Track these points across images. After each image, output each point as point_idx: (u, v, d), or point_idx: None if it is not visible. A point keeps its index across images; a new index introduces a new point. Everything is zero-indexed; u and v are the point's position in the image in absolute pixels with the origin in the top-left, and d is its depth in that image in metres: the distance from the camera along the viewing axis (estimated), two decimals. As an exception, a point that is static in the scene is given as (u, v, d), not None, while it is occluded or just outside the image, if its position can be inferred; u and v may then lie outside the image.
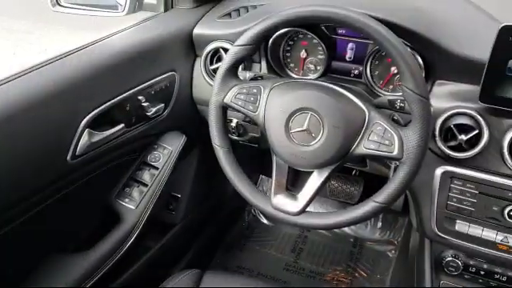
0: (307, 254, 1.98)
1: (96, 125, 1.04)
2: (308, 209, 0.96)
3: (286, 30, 1.14)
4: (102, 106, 1.04)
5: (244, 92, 0.95)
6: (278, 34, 1.15)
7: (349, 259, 1.95)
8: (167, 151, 1.33)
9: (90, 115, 1.02)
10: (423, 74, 1.03)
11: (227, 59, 0.95)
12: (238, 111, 0.97)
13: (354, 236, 2.07)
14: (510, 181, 0.98)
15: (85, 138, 1.01)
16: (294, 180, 0.99)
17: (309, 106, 0.88)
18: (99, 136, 1.06)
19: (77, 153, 1.01)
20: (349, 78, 1.17)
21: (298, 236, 2.08)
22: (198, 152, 1.58)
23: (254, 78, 1.03)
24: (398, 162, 0.86)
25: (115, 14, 1.29)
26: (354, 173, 1.98)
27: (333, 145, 0.87)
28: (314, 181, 0.94)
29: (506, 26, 0.84)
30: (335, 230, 2.08)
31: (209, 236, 1.89)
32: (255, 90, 0.94)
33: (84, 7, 1.30)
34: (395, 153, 0.84)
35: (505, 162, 0.96)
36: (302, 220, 0.94)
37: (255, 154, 1.49)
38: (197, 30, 1.26)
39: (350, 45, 1.15)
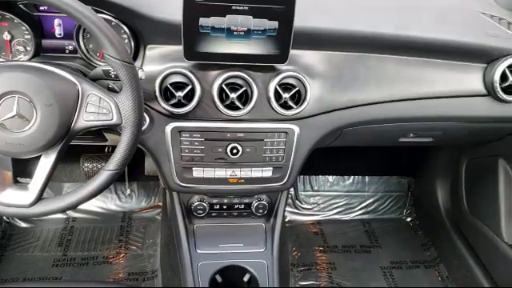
0: (76, 244, 1.92)
1: None
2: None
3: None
4: None
5: None
6: (-34, 17, 1.02)
7: (120, 234, 1.97)
8: None
9: None
10: (132, 42, 1.08)
11: None
12: None
13: (121, 211, 2.09)
14: (226, 124, 1.13)
15: None
16: (24, 170, 0.94)
17: (14, 89, 0.83)
18: None
19: None
20: (65, 55, 1.14)
21: (63, 229, 1.98)
22: None
23: None
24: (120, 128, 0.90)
25: None
26: (107, 150, 1.97)
27: (51, 124, 0.85)
28: (43, 166, 0.90)
29: None
30: (101, 210, 2.06)
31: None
32: None
33: None
34: (114, 119, 0.87)
35: (218, 109, 1.10)
36: (39, 209, 0.90)
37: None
38: None
39: (57, 21, 1.11)
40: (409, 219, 2.24)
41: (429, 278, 1.92)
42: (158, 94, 1.07)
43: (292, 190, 2.18)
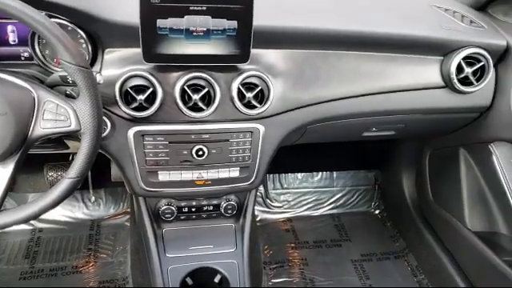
0: (44, 255, 1.86)
1: None
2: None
3: None
4: None
5: None
6: None
7: (89, 243, 1.93)
8: None
9: None
10: (89, 46, 1.05)
11: None
12: None
13: (89, 219, 2.04)
14: (190, 126, 1.13)
15: None
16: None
17: None
18: None
19: None
20: (20, 62, 1.10)
21: (29, 240, 1.92)
22: None
23: None
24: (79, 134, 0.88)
25: None
26: (71, 158, 1.92)
27: (6, 133, 0.82)
28: (1, 176, 0.87)
29: None
30: (69, 219, 2.02)
31: None
32: None
33: None
34: (73, 126, 0.85)
35: (181, 111, 1.09)
36: None
37: None
38: None
39: (10, 27, 1.07)
40: (377, 212, 2.28)
41: (399, 268, 1.96)
42: (118, 97, 1.05)
43: (262, 188, 2.19)
